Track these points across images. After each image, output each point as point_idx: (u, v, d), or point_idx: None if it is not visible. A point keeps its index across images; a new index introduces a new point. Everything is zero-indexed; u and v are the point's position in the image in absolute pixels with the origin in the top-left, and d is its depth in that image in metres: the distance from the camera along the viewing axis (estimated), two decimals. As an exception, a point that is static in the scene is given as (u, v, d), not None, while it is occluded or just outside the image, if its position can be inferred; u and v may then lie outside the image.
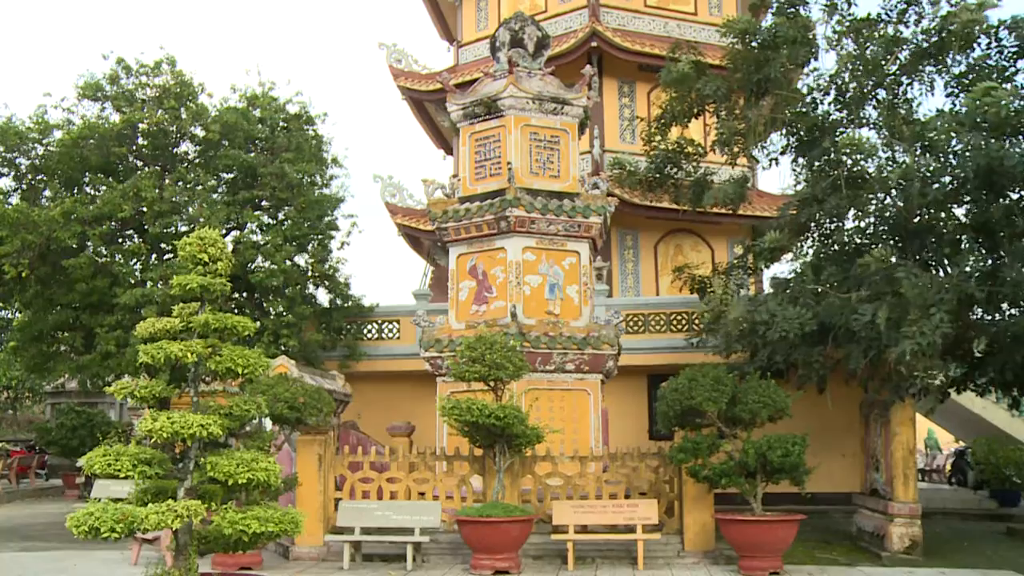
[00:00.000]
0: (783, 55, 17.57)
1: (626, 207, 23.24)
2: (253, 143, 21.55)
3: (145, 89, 20.98)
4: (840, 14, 17.55)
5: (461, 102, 17.38)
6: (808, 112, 17.65)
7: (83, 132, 19.99)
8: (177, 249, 9.57)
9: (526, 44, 17.40)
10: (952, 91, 16.61)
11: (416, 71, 28.63)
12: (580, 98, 17.15)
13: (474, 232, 16.69)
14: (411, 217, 26.64)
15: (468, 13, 29.41)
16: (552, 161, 16.90)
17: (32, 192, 20.46)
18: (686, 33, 26.07)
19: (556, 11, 27.24)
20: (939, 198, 14.82)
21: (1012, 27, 16.03)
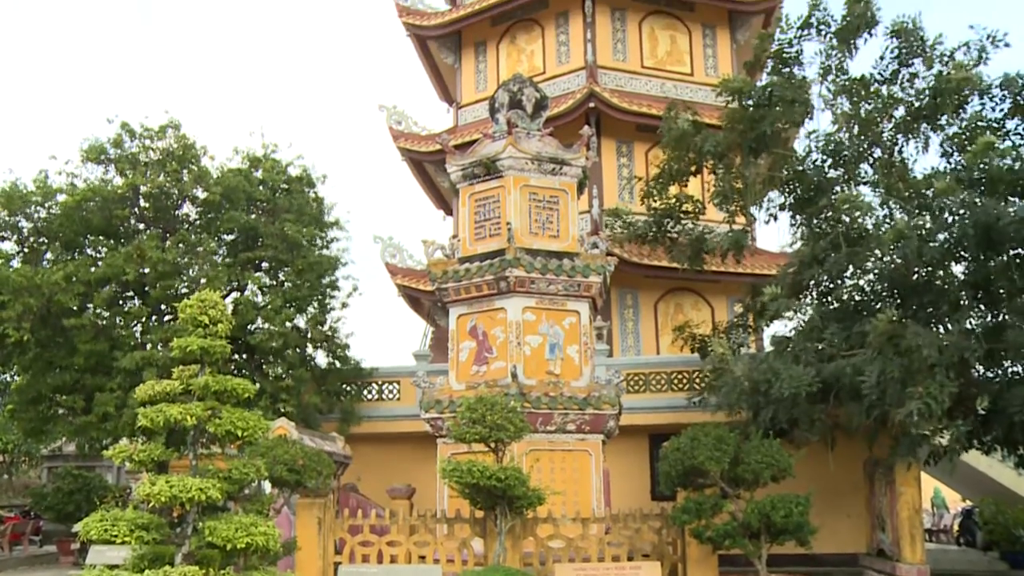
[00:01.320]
0: (779, 114, 17.76)
1: (625, 266, 23.29)
2: (254, 205, 21.66)
3: (148, 152, 21.15)
4: (834, 74, 17.79)
5: (460, 163, 17.50)
6: (805, 170, 17.79)
7: (86, 195, 20.11)
8: (178, 311, 9.57)
9: (525, 105, 17.56)
10: (947, 150, 16.78)
11: (416, 132, 28.91)
12: (579, 158, 17.27)
13: (474, 292, 16.69)
14: (411, 277, 26.69)
15: (467, 75, 29.78)
16: (551, 221, 16.97)
17: (33, 255, 20.52)
18: (682, 93, 26.36)
19: (554, 73, 27.60)
20: (937, 256, 14.87)
21: (1004, 85, 16.23)
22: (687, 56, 28.30)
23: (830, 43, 17.87)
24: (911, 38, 17.16)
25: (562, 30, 27.97)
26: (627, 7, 27.86)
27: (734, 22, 29.02)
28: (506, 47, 29.04)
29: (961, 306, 15.16)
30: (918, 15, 17.08)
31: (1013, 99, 16.07)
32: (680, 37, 28.44)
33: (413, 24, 29.61)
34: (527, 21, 28.68)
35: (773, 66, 18.61)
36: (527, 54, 28.56)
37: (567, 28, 27.85)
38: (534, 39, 28.51)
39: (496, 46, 29.20)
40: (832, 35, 17.85)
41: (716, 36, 28.79)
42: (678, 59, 28.22)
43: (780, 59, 18.38)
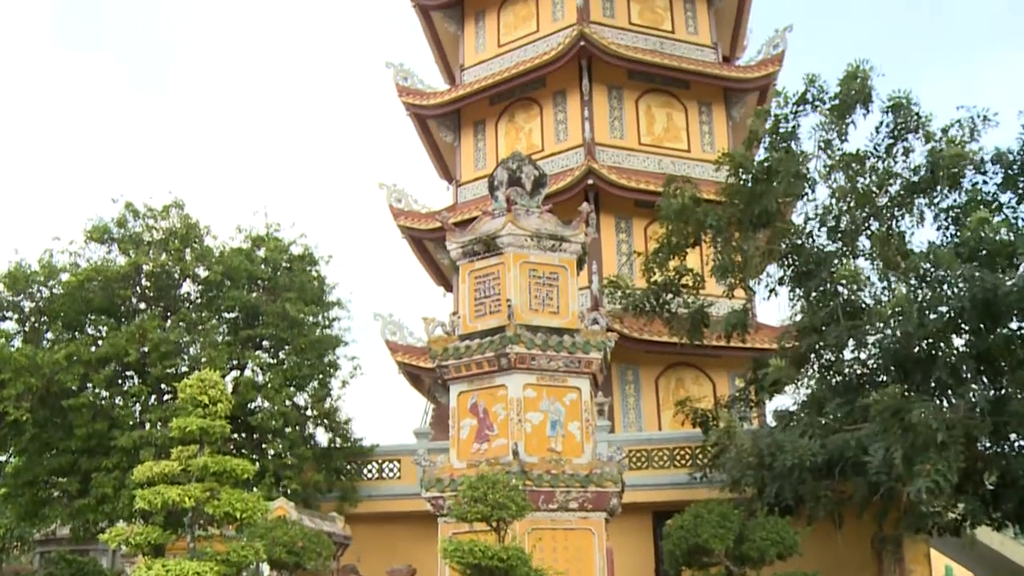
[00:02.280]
0: (777, 188, 17.93)
1: (626, 341, 23.27)
2: (256, 283, 21.74)
3: (152, 232, 21.30)
4: (831, 149, 18.01)
5: (460, 240, 17.58)
6: (803, 244, 17.90)
7: (89, 274, 20.21)
8: (178, 391, 9.55)
9: (524, 183, 17.71)
10: (943, 223, 16.90)
11: (416, 210, 29.15)
12: (578, 235, 17.35)
13: (474, 369, 16.64)
14: (411, 355, 26.65)
15: (466, 153, 30.12)
16: (551, 298, 16.99)
17: (35, 334, 20.53)
18: (680, 169, 26.61)
19: (553, 150, 27.92)
20: (938, 328, 14.87)
21: (996, 160, 16.42)
22: (684, 133, 28.68)
23: (827, 119, 18.11)
24: (905, 114, 17.41)
25: (560, 108, 28.39)
26: (624, 86, 28.30)
27: (730, 99, 29.47)
28: (505, 125, 29.44)
29: (964, 379, 15.11)
30: (910, 91, 17.37)
31: (1005, 173, 16.25)
32: (676, 114, 28.85)
33: (413, 104, 30.06)
34: (525, 100, 29.12)
35: (771, 141, 18.84)
36: (526, 132, 28.94)
37: (565, 106, 28.26)
38: (532, 117, 28.93)
39: (495, 124, 29.61)
40: (828, 111, 18.11)
41: (712, 113, 29.20)
42: (675, 136, 28.59)
43: (777, 134, 18.61)
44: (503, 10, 30.69)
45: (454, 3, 31.49)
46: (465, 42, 31.42)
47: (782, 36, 29.29)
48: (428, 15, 32.06)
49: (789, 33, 29.34)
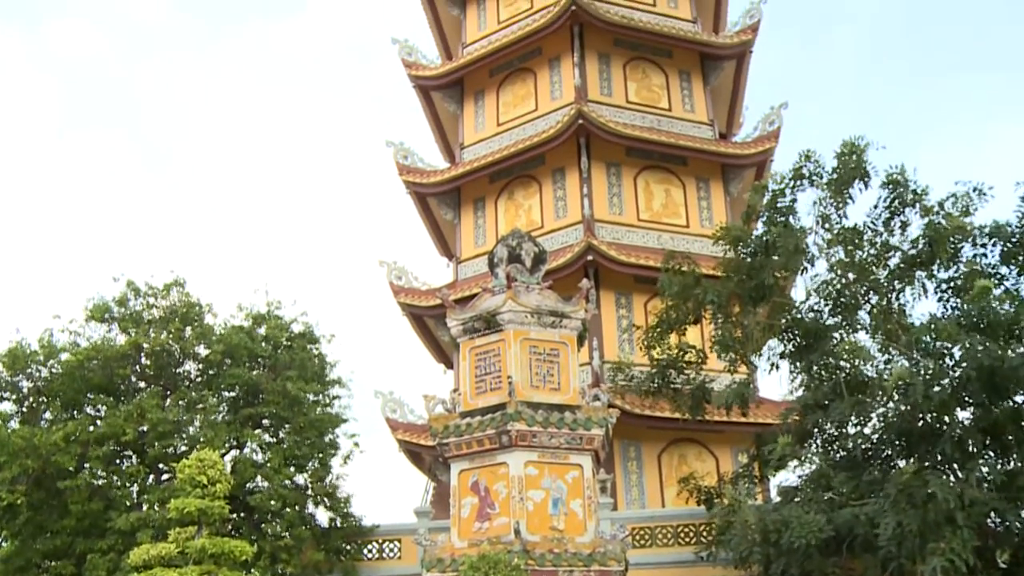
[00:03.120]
0: (777, 263, 18.01)
1: (628, 418, 23.12)
2: (256, 361, 21.71)
3: (152, 310, 21.34)
4: (829, 223, 18.13)
5: (461, 317, 17.62)
6: (803, 318, 17.91)
7: (88, 354, 20.19)
8: (176, 471, 9.47)
9: (524, 260, 17.81)
10: (943, 296, 16.93)
11: (416, 287, 29.23)
12: (578, 311, 17.40)
13: (475, 447, 16.53)
14: (412, 433, 26.48)
15: (466, 230, 30.32)
16: (552, 374, 16.96)
17: (32, 414, 20.42)
18: (679, 245, 26.77)
19: (552, 227, 28.11)
20: (942, 401, 14.79)
21: (993, 233, 16.52)
22: (682, 209, 28.91)
23: (824, 193, 18.28)
24: (902, 189, 17.58)
25: (559, 186, 28.66)
26: (622, 163, 28.61)
27: (727, 175, 29.77)
28: (504, 202, 29.69)
29: (971, 453, 14.97)
30: (902, 165, 17.57)
31: (1004, 246, 16.34)
32: (675, 190, 29.12)
33: (413, 182, 30.36)
34: (525, 178, 29.42)
35: (769, 216, 18.97)
36: (525, 209, 29.18)
37: (564, 183, 28.54)
38: (532, 195, 29.19)
39: (495, 202, 29.86)
40: (825, 186, 18.28)
41: (710, 189, 29.48)
42: (674, 211, 28.81)
43: (775, 209, 18.76)
44: (502, 90, 31.20)
45: (454, 83, 32.02)
46: (465, 121, 31.87)
47: (777, 113, 29.72)
48: (428, 95, 32.58)
49: (784, 110, 29.78)
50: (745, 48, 30.88)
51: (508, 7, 32.37)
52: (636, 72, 30.43)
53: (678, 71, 30.94)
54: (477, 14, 33.25)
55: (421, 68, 32.08)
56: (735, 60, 31.20)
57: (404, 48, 32.29)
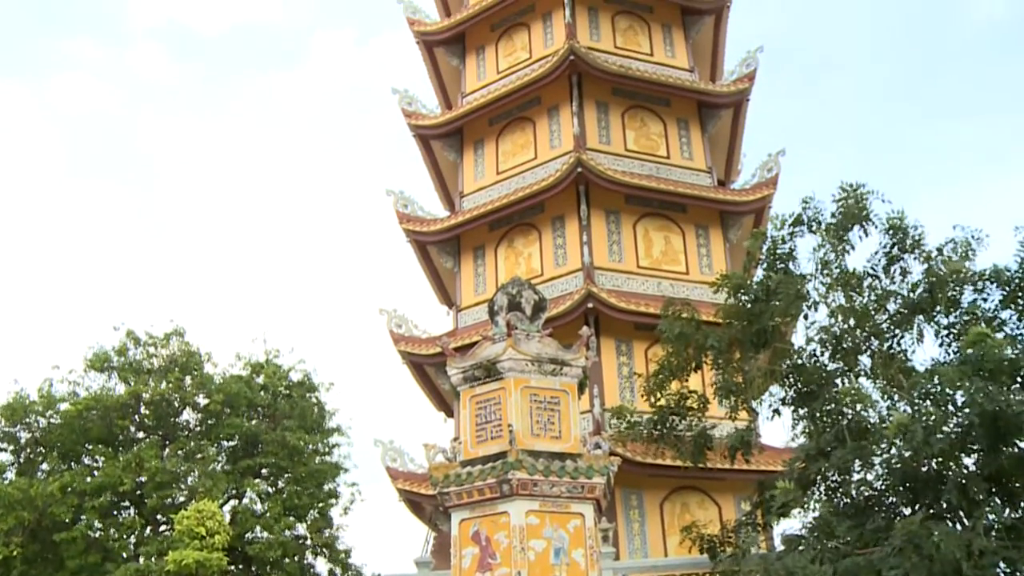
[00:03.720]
0: (777, 309, 17.99)
1: (629, 466, 22.96)
2: (255, 410, 21.67)
3: (152, 360, 21.35)
4: (829, 269, 18.13)
5: (461, 366, 17.56)
6: (804, 364, 17.85)
7: (88, 404, 20.18)
8: (174, 522, 9.39)
9: (524, 308, 17.79)
10: (943, 340, 16.88)
11: (416, 336, 29.20)
12: (578, 359, 17.34)
13: (476, 496, 16.38)
14: (412, 482, 26.28)
15: (466, 279, 30.36)
16: (553, 422, 16.87)
17: (29, 465, 20.33)
18: (679, 292, 26.79)
19: (552, 275, 28.15)
20: (945, 447, 14.67)
21: (993, 277, 16.52)
22: (682, 256, 28.98)
23: (824, 239, 18.30)
24: (902, 235, 17.61)
25: (559, 233, 28.75)
26: (621, 210, 28.73)
27: (726, 222, 29.89)
28: (504, 250, 29.77)
29: (977, 501, 14.82)
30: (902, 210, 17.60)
31: (1004, 291, 16.33)
32: (674, 237, 29.21)
33: (413, 230, 30.47)
34: (524, 226, 29.52)
35: (769, 262, 18.98)
36: (525, 257, 29.24)
37: (563, 231, 28.63)
38: (531, 242, 29.27)
39: (494, 250, 29.94)
40: (825, 232, 18.31)
41: (709, 236, 29.57)
42: (673, 258, 28.88)
43: (775, 255, 18.78)
44: (501, 138, 31.42)
45: (453, 132, 32.27)
46: (464, 169, 32.06)
47: (775, 160, 29.92)
48: (428, 144, 32.81)
49: (782, 157, 30.00)
50: (742, 96, 31.15)
51: (507, 57, 32.72)
52: (634, 120, 30.66)
53: (676, 119, 31.19)
54: (476, 64, 33.59)
55: (421, 117, 32.35)
56: (732, 108, 31.48)
57: (404, 98, 32.58)
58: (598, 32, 31.61)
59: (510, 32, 33.01)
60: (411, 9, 34.31)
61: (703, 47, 33.99)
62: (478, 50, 33.69)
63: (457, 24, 33.38)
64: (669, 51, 32.58)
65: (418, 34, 34.07)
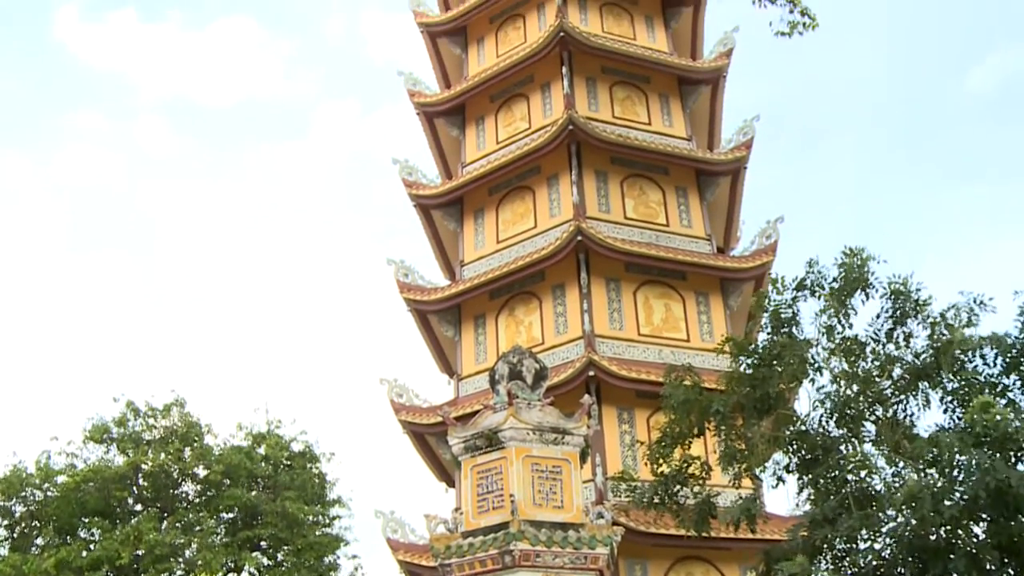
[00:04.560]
0: (780, 374, 17.92)
1: (633, 535, 22.68)
2: (255, 481, 21.49)
3: (152, 431, 21.24)
4: (832, 334, 18.10)
5: (462, 435, 17.46)
6: (808, 430, 17.73)
7: (86, 476, 20.03)
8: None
9: (525, 376, 17.75)
10: (948, 406, 16.78)
11: (417, 405, 29.06)
12: (580, 427, 17.26)
13: (478, 568, 16.16)
14: (413, 553, 25.91)
15: (467, 347, 30.31)
16: (555, 492, 16.71)
17: (24, 540, 20.09)
18: (680, 359, 26.61)
19: (553, 343, 28.10)
20: (954, 515, 14.49)
21: (996, 344, 16.49)
22: (683, 323, 28.96)
23: (827, 303, 18.30)
24: (904, 300, 17.62)
25: (559, 301, 28.77)
26: (621, 278, 28.79)
27: (726, 289, 29.94)
28: (505, 319, 29.77)
29: (988, 571, 14.59)
30: (905, 277, 17.62)
31: (1005, 358, 16.28)
32: (675, 305, 29.22)
33: (414, 299, 30.51)
34: (525, 294, 29.56)
35: (772, 326, 18.96)
36: (526, 325, 29.22)
37: (564, 299, 28.65)
38: (532, 311, 29.28)
39: (495, 318, 29.94)
40: (828, 296, 18.31)
41: (710, 303, 29.59)
42: (674, 326, 28.85)
43: (777, 320, 18.77)
44: (502, 207, 31.63)
45: (454, 201, 32.50)
46: (465, 238, 32.22)
47: (774, 227, 30.09)
48: (428, 213, 33.02)
49: (781, 224, 30.17)
50: (740, 164, 31.45)
51: (507, 127, 33.10)
52: (633, 189, 30.90)
53: (675, 187, 31.44)
54: (476, 134, 33.97)
55: (421, 187, 32.62)
56: (730, 176, 31.75)
57: (404, 168, 32.89)
58: (596, 102, 32.01)
59: (509, 103, 33.44)
60: (411, 81, 34.80)
61: (700, 116, 34.41)
62: (478, 120, 34.10)
63: (457, 96, 33.83)
64: (667, 120, 32.97)
65: (418, 105, 34.52)
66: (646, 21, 34.73)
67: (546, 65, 32.04)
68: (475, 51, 35.84)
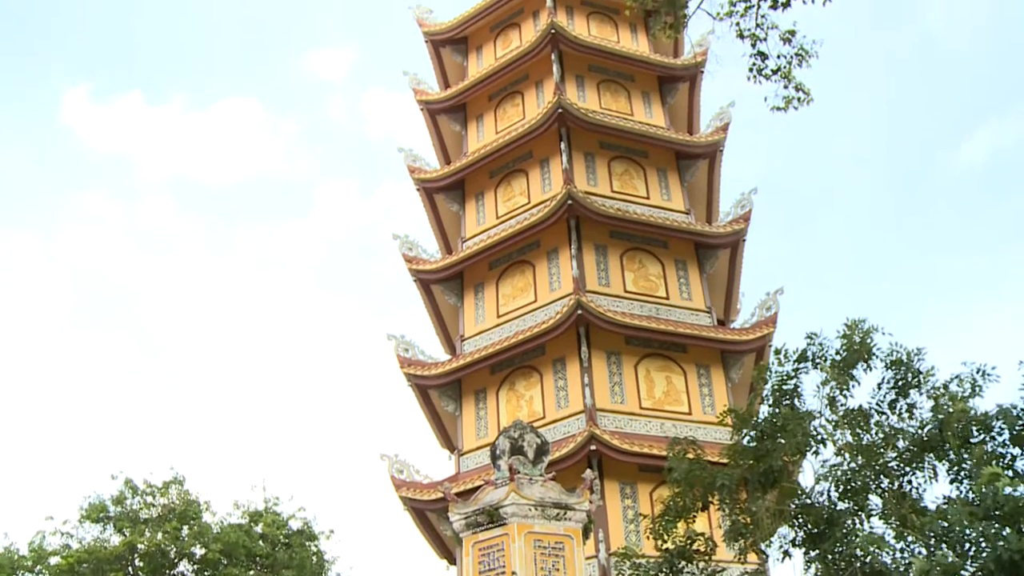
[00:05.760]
0: (784, 447, 17.75)
1: (638, 614, 22.25)
2: (254, 560, 21.15)
3: (150, 509, 21.00)
4: (835, 405, 17.98)
5: (463, 511, 17.27)
6: (814, 503, 17.50)
7: (80, 556, 19.72)
8: None
9: (526, 451, 17.62)
10: (955, 478, 16.59)
11: (417, 481, 28.78)
12: (583, 503, 17.07)
13: (480, 648, 15.85)
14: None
15: (468, 422, 30.11)
16: (558, 568, 16.44)
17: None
18: (682, 432, 26.39)
19: (554, 417, 27.92)
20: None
21: (1000, 417, 16.36)
22: (684, 396, 28.81)
23: (829, 375, 18.21)
24: (906, 370, 17.54)
25: (560, 375, 28.65)
26: (622, 351, 28.73)
27: (727, 361, 29.84)
28: (506, 393, 29.62)
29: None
30: (909, 351, 17.56)
31: (1011, 430, 16.15)
32: (676, 378, 29.10)
33: (414, 374, 30.40)
34: (525, 368, 29.46)
35: (774, 399, 18.85)
36: (526, 399, 29.06)
37: (565, 374, 28.54)
38: (533, 385, 29.15)
39: (496, 393, 29.80)
40: (830, 368, 18.23)
41: (711, 375, 29.47)
42: (675, 399, 28.70)
43: (780, 392, 18.66)
44: (502, 281, 31.71)
45: (454, 276, 32.60)
46: (465, 312, 32.23)
47: (774, 299, 30.13)
48: (428, 288, 33.10)
49: (780, 296, 30.18)
50: (738, 237, 31.62)
51: (506, 202, 33.35)
52: (633, 262, 31.01)
53: (674, 260, 31.56)
54: (476, 209, 34.23)
55: (421, 262, 32.75)
56: (729, 248, 31.93)
57: (404, 243, 33.08)
58: (595, 177, 32.31)
59: (508, 178, 33.76)
60: (411, 157, 35.19)
61: (698, 189, 34.72)
62: (477, 196, 34.39)
63: (456, 171, 34.17)
64: (665, 194, 33.24)
65: (418, 181, 34.84)
66: (643, 97, 35.25)
67: (545, 141, 32.44)
68: (474, 127, 36.32)
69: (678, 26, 17.11)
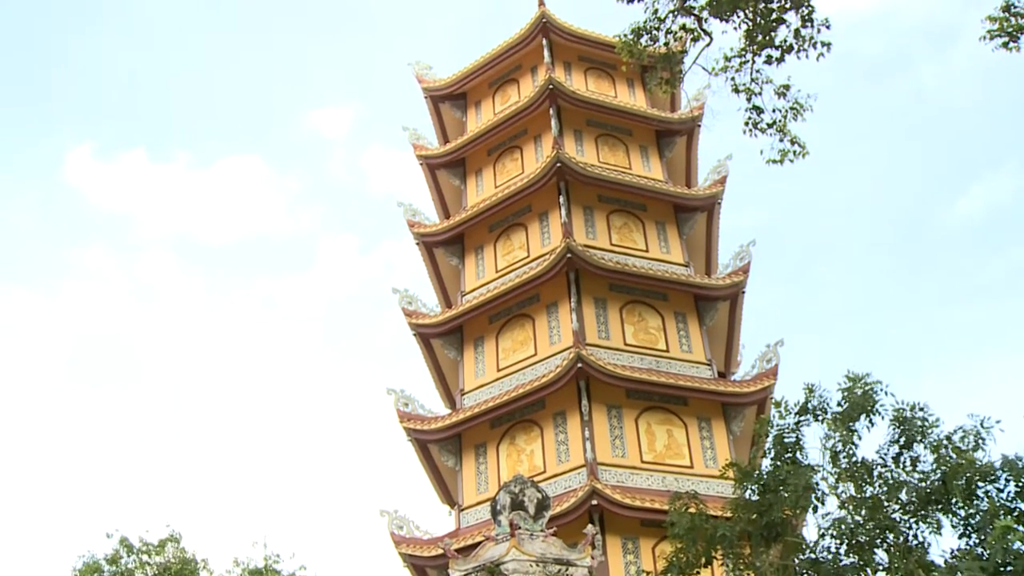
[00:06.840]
0: (786, 500, 17.59)
1: (642, 672, 21.90)
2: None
3: (145, 568, 20.74)
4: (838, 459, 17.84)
5: (464, 568, 17.09)
6: (818, 558, 17.30)
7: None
8: None
9: (527, 506, 17.48)
10: (963, 531, 16.40)
11: (417, 537, 28.47)
12: (584, 558, 16.90)
13: None
14: None
15: (468, 477, 29.87)
16: (560, 626, 16.23)
17: None
18: (684, 486, 26.19)
19: (555, 471, 27.69)
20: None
21: (1005, 467, 16.23)
22: (686, 449, 28.60)
23: (832, 429, 18.10)
24: (910, 424, 17.44)
25: (560, 429, 28.48)
26: (623, 405, 28.58)
27: (728, 414, 29.68)
28: (506, 447, 29.43)
29: None
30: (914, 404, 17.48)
31: (1017, 482, 16.01)
32: (677, 431, 28.91)
33: (414, 429, 30.22)
34: (526, 422, 29.29)
35: (776, 452, 18.72)
36: (527, 454, 28.86)
37: (565, 427, 28.37)
38: (533, 439, 28.96)
39: (496, 447, 29.60)
40: (831, 421, 18.13)
41: (712, 428, 29.29)
42: (677, 452, 28.49)
43: (781, 445, 18.54)
44: (501, 335, 31.66)
45: (453, 330, 32.56)
46: (465, 366, 32.13)
47: (774, 351, 30.05)
48: (428, 342, 33.04)
49: (781, 347, 30.12)
50: (737, 289, 31.65)
51: (505, 256, 33.43)
52: (633, 315, 30.98)
53: (674, 313, 31.54)
54: (475, 263, 34.30)
55: (421, 317, 32.73)
56: (729, 300, 31.92)
57: (404, 298, 33.10)
58: (594, 230, 32.42)
59: (508, 232, 33.88)
60: (411, 212, 35.35)
61: (697, 241, 34.84)
62: (477, 249, 34.48)
63: (456, 225, 34.31)
64: (664, 247, 33.33)
65: (418, 235, 34.97)
66: (641, 151, 35.52)
67: (543, 195, 32.62)
68: (473, 182, 36.55)
69: (674, 81, 17.33)
